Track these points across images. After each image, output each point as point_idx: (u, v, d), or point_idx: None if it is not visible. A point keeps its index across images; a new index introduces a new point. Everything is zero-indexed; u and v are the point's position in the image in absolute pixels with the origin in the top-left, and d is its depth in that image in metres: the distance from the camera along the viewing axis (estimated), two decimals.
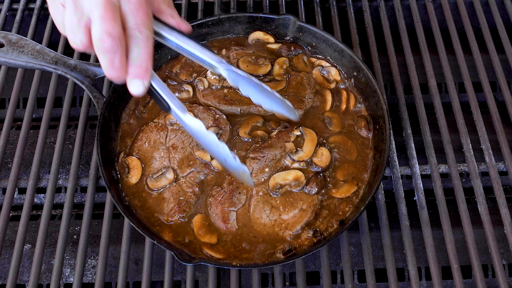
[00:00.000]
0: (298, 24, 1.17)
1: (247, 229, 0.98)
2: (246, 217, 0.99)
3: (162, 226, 0.98)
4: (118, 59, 0.77)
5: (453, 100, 1.18)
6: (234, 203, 1.00)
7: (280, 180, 1.00)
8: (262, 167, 1.02)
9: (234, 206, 0.99)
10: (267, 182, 1.01)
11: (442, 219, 1.03)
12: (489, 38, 1.28)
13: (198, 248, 0.96)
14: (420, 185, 1.07)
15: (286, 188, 1.00)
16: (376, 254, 1.09)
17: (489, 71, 1.25)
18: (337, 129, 1.08)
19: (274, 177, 1.01)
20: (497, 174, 1.09)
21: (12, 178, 1.09)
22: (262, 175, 1.01)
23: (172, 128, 1.07)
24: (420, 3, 1.37)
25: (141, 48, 0.79)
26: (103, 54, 0.77)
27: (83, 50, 0.81)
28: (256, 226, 0.98)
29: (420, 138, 1.13)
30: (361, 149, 1.06)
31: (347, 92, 1.13)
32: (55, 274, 0.99)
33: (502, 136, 1.13)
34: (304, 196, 1.00)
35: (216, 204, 0.99)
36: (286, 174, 1.01)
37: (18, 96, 1.21)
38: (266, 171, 1.02)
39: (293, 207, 0.99)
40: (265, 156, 1.03)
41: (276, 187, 1.00)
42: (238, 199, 1.00)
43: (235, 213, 0.99)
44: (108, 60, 0.77)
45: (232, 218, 0.99)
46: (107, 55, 0.77)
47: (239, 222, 0.99)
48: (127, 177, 1.03)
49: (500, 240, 1.06)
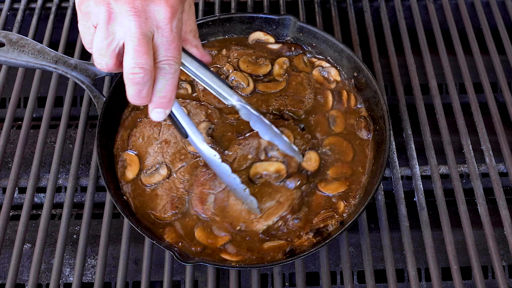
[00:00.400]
0: (299, 25, 1.17)
1: (222, 214, 0.98)
2: (223, 201, 0.99)
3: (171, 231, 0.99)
4: (145, 91, 0.79)
5: (453, 101, 1.18)
6: (215, 185, 1.00)
7: (261, 170, 1.01)
8: (245, 154, 1.02)
9: (213, 190, 1.00)
10: (249, 169, 1.01)
11: (442, 220, 1.03)
12: (490, 39, 1.28)
13: (215, 253, 0.97)
14: (420, 186, 1.07)
15: (266, 179, 1.01)
16: (376, 255, 1.09)
17: (490, 72, 1.24)
18: (340, 129, 1.08)
19: (256, 166, 1.01)
20: (497, 175, 1.09)
21: (12, 178, 1.09)
22: (244, 162, 1.02)
23: (165, 123, 1.07)
24: (421, 3, 1.37)
25: (168, 80, 0.80)
26: (133, 85, 0.78)
27: (106, 71, 0.82)
28: (232, 212, 0.98)
29: (420, 139, 1.13)
30: (359, 150, 1.06)
31: (347, 92, 1.13)
32: (55, 274, 0.99)
33: (503, 137, 1.13)
34: (283, 189, 1.00)
35: (198, 185, 1.00)
36: (268, 165, 1.01)
37: (19, 96, 1.21)
38: (248, 158, 1.02)
39: (270, 197, 0.99)
40: (249, 144, 1.03)
41: (256, 176, 1.00)
42: (219, 182, 1.00)
43: (213, 196, 0.99)
44: (136, 91, 0.78)
45: (210, 200, 0.99)
46: (136, 86, 0.78)
47: (216, 205, 0.99)
48: (123, 172, 1.03)
49: (500, 241, 1.06)
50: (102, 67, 0.81)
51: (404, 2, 1.38)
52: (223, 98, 0.93)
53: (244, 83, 1.11)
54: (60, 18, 1.36)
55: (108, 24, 0.77)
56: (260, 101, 1.11)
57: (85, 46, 0.83)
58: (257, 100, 1.11)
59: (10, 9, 1.38)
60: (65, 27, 1.32)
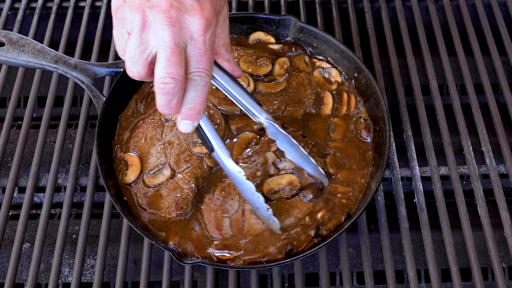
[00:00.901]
0: (299, 25, 1.17)
1: (241, 235, 0.97)
2: (239, 223, 0.98)
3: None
4: (175, 101, 0.78)
5: (454, 102, 1.18)
6: (227, 209, 0.99)
7: (274, 185, 1.00)
8: (253, 171, 1.02)
9: (227, 213, 0.99)
10: (261, 187, 1.00)
11: (441, 221, 1.03)
12: (491, 40, 1.28)
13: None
14: (420, 187, 1.07)
15: (281, 194, 1.00)
16: (375, 256, 1.09)
17: (491, 73, 1.24)
18: (339, 137, 1.08)
19: (267, 182, 1.00)
20: (498, 177, 1.08)
21: (11, 177, 1.09)
22: (254, 179, 1.01)
23: (168, 124, 1.07)
24: (422, 4, 1.37)
25: (198, 92, 0.79)
26: (163, 94, 0.77)
27: (138, 79, 0.81)
28: (252, 232, 0.98)
29: (421, 140, 1.13)
30: (361, 155, 1.06)
31: (347, 94, 1.12)
32: (54, 273, 0.99)
33: (503, 138, 1.12)
34: (299, 203, 1.00)
35: (209, 211, 0.99)
36: (280, 179, 1.00)
37: (19, 95, 1.21)
38: (258, 175, 1.01)
39: (288, 214, 0.99)
40: (255, 160, 1.02)
41: (270, 192, 1.00)
42: (230, 205, 0.99)
43: (228, 219, 0.98)
44: (166, 100, 0.78)
45: (225, 225, 0.98)
46: (166, 96, 0.77)
47: (233, 228, 0.98)
48: (125, 174, 1.03)
49: (500, 243, 1.06)
50: (133, 74, 0.80)
51: (405, 2, 1.37)
52: (252, 115, 0.92)
53: (245, 83, 1.11)
54: (60, 17, 1.36)
55: (142, 32, 0.77)
56: (260, 101, 1.10)
57: (118, 53, 0.83)
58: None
59: (10, 9, 1.38)
60: (65, 26, 1.32)
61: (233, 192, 0.99)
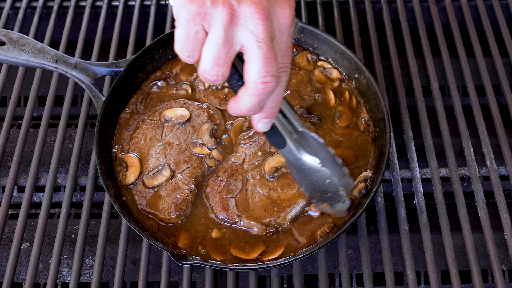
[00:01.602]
0: (300, 25, 1.16)
1: (247, 214, 0.98)
2: (245, 202, 0.99)
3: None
4: (266, 100, 0.73)
5: (455, 103, 1.17)
6: (232, 189, 1.00)
7: (275, 164, 1.00)
8: (255, 151, 1.02)
9: (232, 193, 1.00)
10: (262, 166, 1.01)
11: (441, 223, 1.03)
12: (493, 41, 1.27)
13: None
14: (420, 189, 1.06)
15: (282, 171, 1.01)
16: (375, 257, 1.08)
17: (492, 74, 1.24)
18: (345, 124, 1.08)
19: (268, 162, 1.01)
20: (498, 179, 1.08)
21: (11, 176, 1.09)
22: (255, 159, 1.02)
23: (168, 125, 1.07)
24: (424, 5, 1.37)
25: (281, 88, 0.74)
26: (260, 95, 0.71)
27: (219, 83, 0.76)
28: (257, 209, 0.98)
29: (421, 141, 1.13)
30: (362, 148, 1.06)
31: (349, 93, 1.12)
32: (52, 273, 0.99)
33: (504, 140, 1.12)
34: None
35: (214, 193, 1.00)
36: (280, 156, 1.00)
37: (19, 94, 1.21)
38: (259, 155, 1.02)
39: (290, 188, 1.00)
40: (256, 141, 1.03)
41: (272, 171, 1.00)
42: (234, 185, 1.00)
43: (233, 199, 0.99)
44: (259, 100, 0.72)
45: (231, 204, 0.99)
46: (262, 96, 0.71)
47: (239, 208, 0.99)
48: (124, 175, 1.03)
49: (500, 245, 1.05)
50: (215, 78, 0.71)
51: (407, 3, 1.37)
52: (292, 126, 0.90)
53: None
54: (61, 17, 1.36)
55: (228, 28, 0.68)
56: None
57: (183, 55, 0.72)
58: None
59: (11, 8, 1.38)
60: (66, 26, 1.32)
61: (236, 173, 1.01)
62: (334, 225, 0.97)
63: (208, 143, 1.04)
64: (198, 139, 1.04)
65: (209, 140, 1.04)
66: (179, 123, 1.07)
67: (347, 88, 1.13)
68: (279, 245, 0.96)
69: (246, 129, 1.06)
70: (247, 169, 1.01)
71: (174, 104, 1.10)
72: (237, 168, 1.01)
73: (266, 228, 0.97)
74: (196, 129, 1.06)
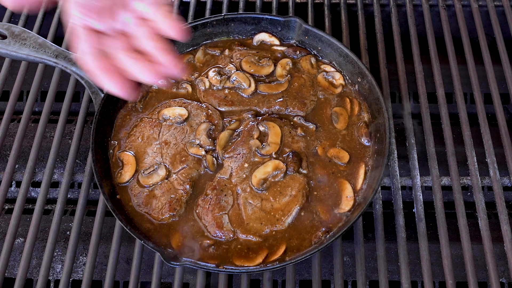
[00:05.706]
0: (304, 27, 1.15)
1: (243, 228, 0.96)
2: (239, 216, 0.97)
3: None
4: None
5: (460, 111, 1.15)
6: (223, 206, 0.98)
7: (262, 175, 0.99)
8: (241, 164, 1.01)
9: (224, 210, 0.97)
10: (250, 179, 0.99)
11: (440, 232, 1.00)
12: (503, 49, 1.24)
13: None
14: (420, 197, 1.04)
15: (270, 181, 0.99)
16: (371, 265, 1.06)
17: (502, 82, 1.21)
18: (343, 127, 1.06)
19: (255, 175, 0.99)
20: (501, 189, 1.05)
21: (7, 171, 1.09)
22: (243, 171, 1.00)
23: (166, 124, 1.06)
24: (434, 10, 1.34)
25: None
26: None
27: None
28: (251, 223, 0.96)
29: (424, 149, 1.10)
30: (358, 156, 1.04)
31: (350, 99, 1.10)
32: (43, 269, 0.98)
33: (509, 149, 1.09)
34: (290, 182, 0.99)
35: (206, 212, 0.97)
36: (265, 167, 0.99)
37: (20, 89, 1.20)
38: (246, 167, 1.01)
39: (282, 195, 0.98)
40: (240, 153, 1.02)
41: (260, 183, 0.99)
42: (226, 201, 0.98)
43: (227, 216, 0.97)
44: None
45: (225, 221, 0.97)
46: None
47: (233, 223, 0.97)
48: (120, 173, 1.02)
49: (501, 257, 1.03)
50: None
51: (417, 8, 1.34)
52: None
53: (246, 84, 1.09)
54: None
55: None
56: (261, 102, 1.09)
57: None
58: (257, 101, 1.09)
59: None
60: None
61: (225, 188, 0.99)
62: (329, 230, 0.96)
63: (205, 143, 1.03)
64: (195, 139, 1.03)
65: (206, 140, 1.02)
66: (177, 122, 1.06)
67: (348, 93, 1.11)
68: (279, 246, 0.95)
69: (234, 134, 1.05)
70: (235, 182, 0.99)
71: (173, 103, 1.09)
72: (226, 183, 0.99)
73: (264, 241, 0.96)
74: (193, 128, 1.05)
